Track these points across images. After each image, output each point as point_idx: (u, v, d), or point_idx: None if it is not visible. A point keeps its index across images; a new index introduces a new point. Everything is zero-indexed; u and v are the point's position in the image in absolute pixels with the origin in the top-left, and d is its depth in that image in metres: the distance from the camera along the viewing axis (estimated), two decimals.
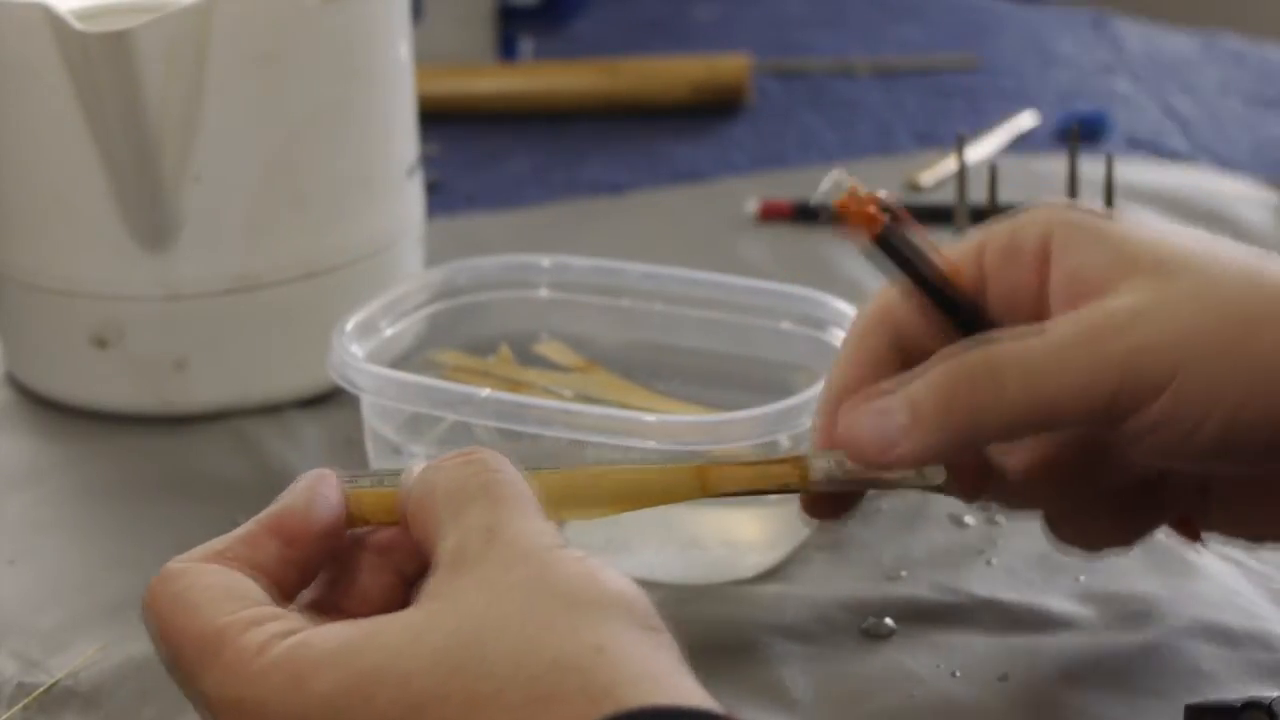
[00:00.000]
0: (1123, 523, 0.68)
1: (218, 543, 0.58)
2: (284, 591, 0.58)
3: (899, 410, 0.61)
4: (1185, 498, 0.67)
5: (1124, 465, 0.65)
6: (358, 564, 0.60)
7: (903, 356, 0.65)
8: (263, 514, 0.59)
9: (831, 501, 0.65)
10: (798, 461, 0.64)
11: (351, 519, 0.59)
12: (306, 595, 0.59)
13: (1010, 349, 0.61)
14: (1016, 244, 0.64)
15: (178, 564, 0.58)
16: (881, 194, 0.62)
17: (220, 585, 0.56)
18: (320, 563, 0.59)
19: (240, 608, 0.55)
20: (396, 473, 0.60)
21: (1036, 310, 0.64)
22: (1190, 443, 0.60)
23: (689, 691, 0.51)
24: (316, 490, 0.59)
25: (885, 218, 0.62)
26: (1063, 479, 0.65)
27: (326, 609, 0.59)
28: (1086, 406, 0.60)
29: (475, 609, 0.53)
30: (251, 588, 0.57)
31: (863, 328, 0.66)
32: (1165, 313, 0.60)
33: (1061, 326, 0.61)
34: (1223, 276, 0.61)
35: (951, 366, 0.61)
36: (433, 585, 0.54)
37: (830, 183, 0.61)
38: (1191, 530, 0.69)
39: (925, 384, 0.62)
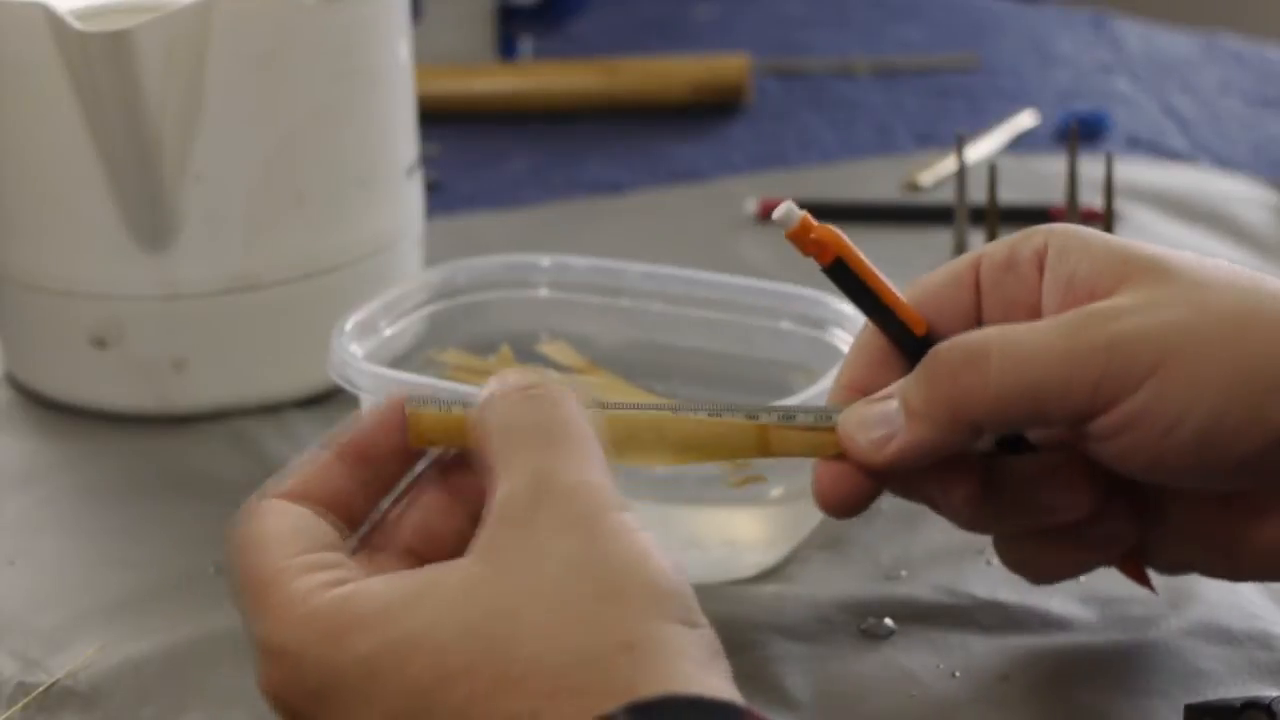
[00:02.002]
0: (1064, 556, 0.67)
1: (297, 475, 0.59)
2: (354, 517, 0.59)
3: (891, 408, 0.62)
4: (1123, 534, 0.67)
5: (1059, 498, 0.66)
6: (431, 505, 0.60)
7: None
8: (331, 439, 0.60)
9: (846, 498, 0.64)
10: None
11: (414, 439, 0.60)
12: (380, 537, 0.60)
13: (995, 335, 0.61)
14: (1014, 257, 0.65)
15: (258, 501, 0.59)
16: (832, 228, 0.63)
17: (288, 527, 0.57)
18: (388, 484, 0.60)
19: (299, 551, 0.56)
20: (460, 397, 0.60)
21: (1032, 319, 0.64)
22: (1168, 442, 0.60)
23: (714, 688, 0.51)
24: (384, 412, 0.60)
25: (834, 252, 0.63)
26: (1000, 507, 0.66)
27: (399, 550, 0.59)
28: (1071, 393, 0.60)
29: (513, 578, 0.53)
30: (319, 528, 0.58)
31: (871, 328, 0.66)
32: (1155, 308, 0.60)
33: (1049, 320, 0.62)
34: (1215, 284, 0.61)
35: (937, 355, 0.62)
36: (482, 539, 0.55)
37: (783, 212, 0.62)
38: (1137, 571, 0.69)
39: (913, 377, 0.62)
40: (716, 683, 0.51)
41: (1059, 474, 0.65)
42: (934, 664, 0.70)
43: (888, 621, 0.73)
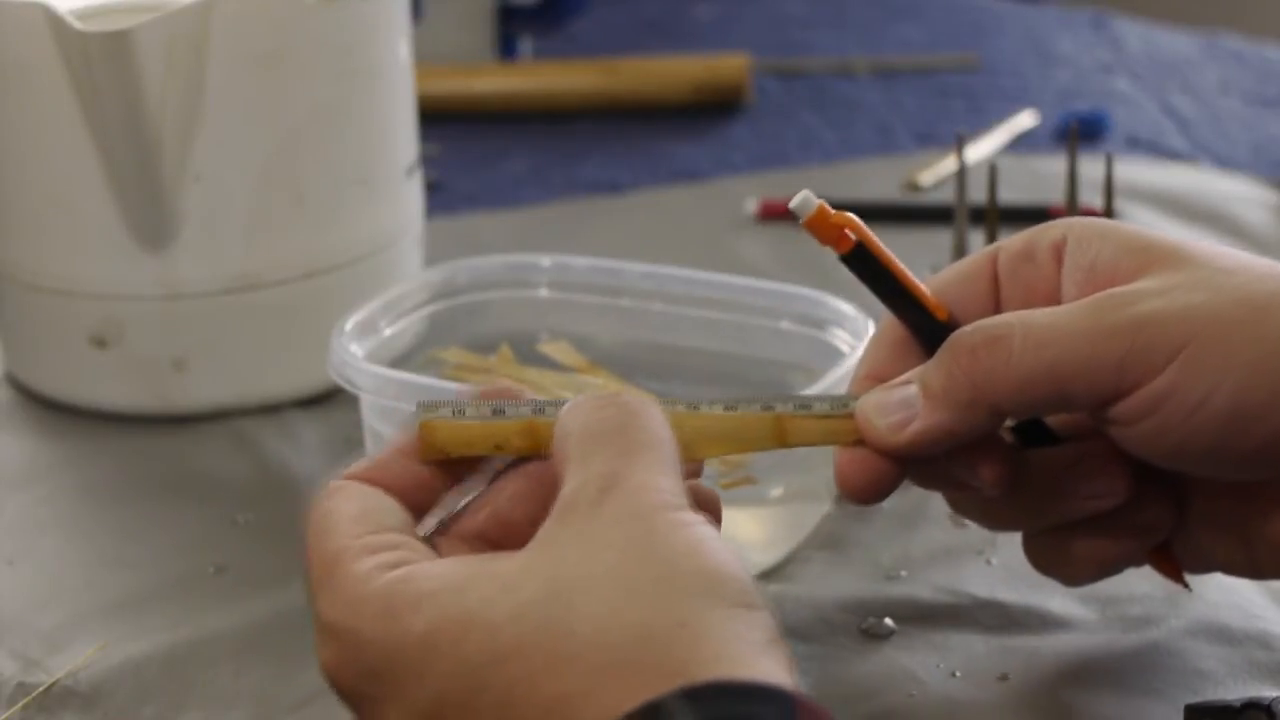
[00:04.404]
0: (1097, 550, 0.67)
1: (372, 459, 0.60)
2: (418, 509, 0.59)
3: (910, 392, 0.61)
4: (1159, 522, 0.66)
5: (1095, 486, 0.65)
6: (507, 492, 0.60)
7: None
8: (407, 427, 0.60)
9: (869, 484, 0.64)
10: None
11: (426, 451, 0.60)
12: (458, 522, 0.60)
13: (1017, 318, 0.61)
14: (1032, 248, 0.64)
15: (336, 482, 0.59)
16: (850, 215, 0.63)
17: (355, 509, 0.58)
18: (460, 474, 0.60)
19: (364, 532, 0.56)
20: (478, 404, 0.60)
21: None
22: (1192, 423, 0.59)
23: (767, 671, 0.50)
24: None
25: (852, 239, 0.63)
26: (1033, 498, 0.65)
27: (473, 533, 0.59)
28: (1095, 374, 0.60)
29: (569, 564, 0.53)
30: (387, 511, 0.58)
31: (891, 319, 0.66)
32: (1177, 292, 0.60)
33: (1072, 304, 0.61)
34: (1236, 270, 0.61)
35: (958, 338, 0.61)
36: (543, 530, 0.55)
37: (800, 200, 0.62)
38: (1170, 566, 0.68)
39: (934, 361, 0.62)
40: (770, 666, 0.51)
41: (1091, 461, 0.64)
42: (934, 664, 0.70)
43: (888, 621, 0.73)
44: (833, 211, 0.63)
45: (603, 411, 0.57)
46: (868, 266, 0.63)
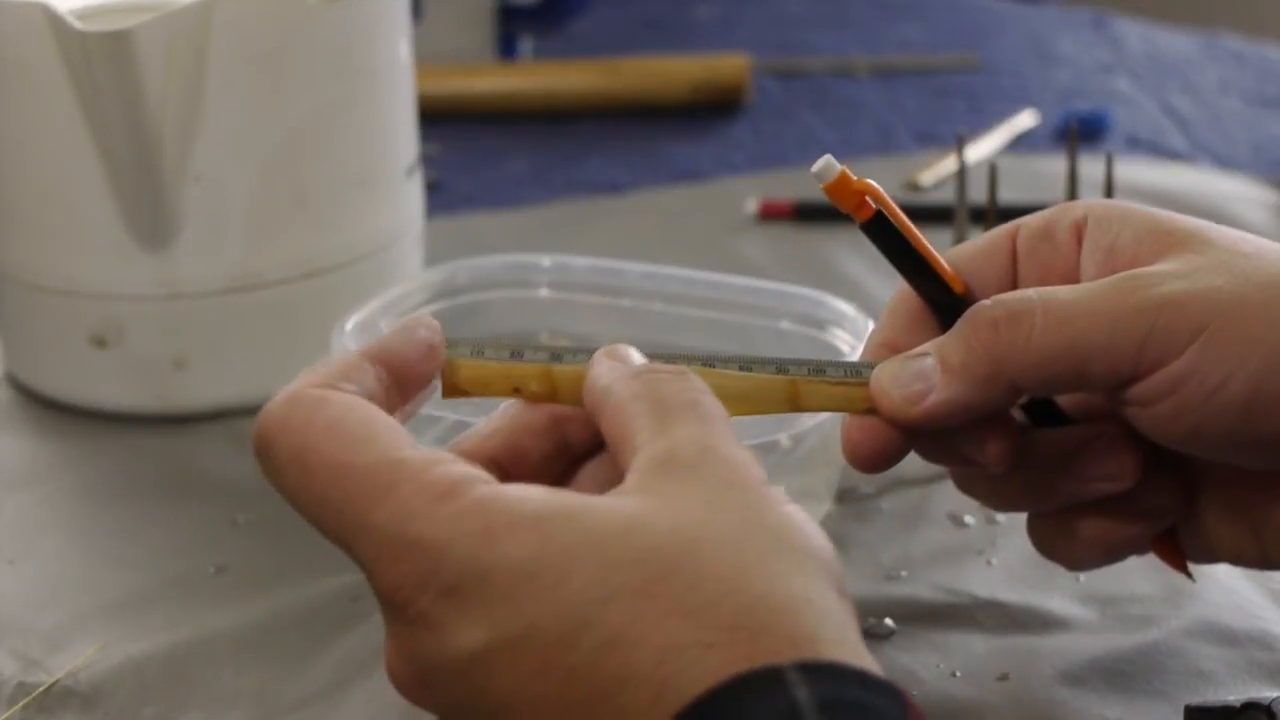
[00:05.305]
0: (1103, 533, 0.66)
1: (332, 373, 0.57)
2: None
3: (927, 364, 0.61)
4: (1167, 506, 0.65)
5: (1106, 468, 0.65)
6: (522, 424, 0.60)
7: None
8: (365, 348, 0.59)
9: (875, 451, 0.63)
10: None
11: (449, 389, 0.59)
12: (473, 446, 0.59)
13: (1039, 294, 0.61)
14: (1051, 227, 0.64)
15: (315, 390, 0.56)
16: (871, 182, 0.63)
17: (383, 417, 0.55)
18: (406, 399, 0.59)
19: (411, 443, 0.54)
20: (497, 346, 0.60)
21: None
22: (1211, 406, 0.59)
23: (873, 664, 0.50)
24: (418, 343, 0.59)
25: (873, 207, 0.62)
26: (1042, 478, 0.65)
27: (484, 458, 0.58)
28: (1115, 353, 0.59)
29: (694, 517, 0.52)
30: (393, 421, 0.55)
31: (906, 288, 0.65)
32: (1199, 274, 0.60)
33: (1094, 282, 0.61)
34: (1256, 254, 0.61)
35: (978, 312, 0.61)
36: (640, 481, 0.53)
37: (822, 165, 0.62)
38: (1174, 554, 0.67)
39: (953, 334, 0.61)
40: (871, 657, 0.51)
41: (1102, 443, 0.64)
42: (934, 664, 0.70)
43: (888, 621, 0.73)
44: (854, 178, 0.62)
45: (677, 382, 0.57)
46: (886, 236, 0.63)
